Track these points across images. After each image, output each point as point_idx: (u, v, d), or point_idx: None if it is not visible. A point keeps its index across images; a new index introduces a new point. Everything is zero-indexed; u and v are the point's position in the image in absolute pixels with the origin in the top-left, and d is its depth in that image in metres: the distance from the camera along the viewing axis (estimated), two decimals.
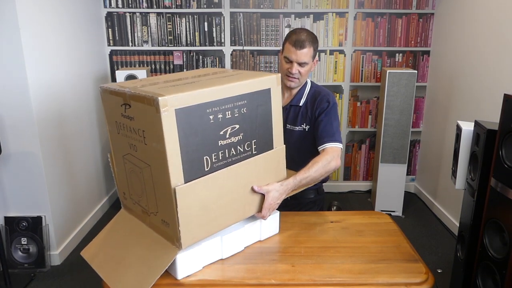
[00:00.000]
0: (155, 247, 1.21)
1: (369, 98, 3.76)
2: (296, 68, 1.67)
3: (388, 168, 3.38)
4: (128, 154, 1.23)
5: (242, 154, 1.26)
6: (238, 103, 1.21)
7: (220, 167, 1.20)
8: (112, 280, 1.22)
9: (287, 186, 1.40)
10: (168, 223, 1.16)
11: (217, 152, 1.19)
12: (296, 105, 1.76)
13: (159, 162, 1.10)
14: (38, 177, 2.54)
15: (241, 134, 1.24)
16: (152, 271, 1.15)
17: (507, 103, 1.61)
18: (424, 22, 3.58)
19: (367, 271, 1.24)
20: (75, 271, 2.64)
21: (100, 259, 1.32)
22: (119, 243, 1.33)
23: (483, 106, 2.74)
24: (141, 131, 1.13)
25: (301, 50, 1.65)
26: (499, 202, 1.63)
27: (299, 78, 1.71)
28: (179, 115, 1.06)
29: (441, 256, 2.80)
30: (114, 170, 1.38)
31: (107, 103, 1.26)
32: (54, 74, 2.70)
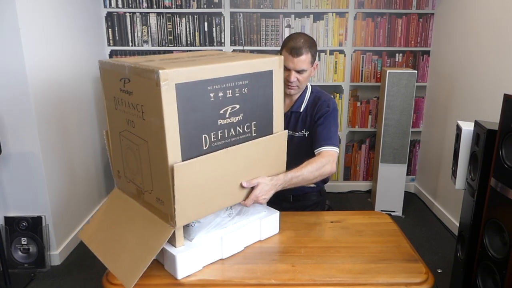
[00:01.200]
0: (150, 226, 1.20)
1: (369, 98, 3.76)
2: (294, 76, 1.63)
3: (388, 168, 3.38)
4: (125, 130, 1.22)
5: (241, 136, 1.25)
6: (240, 82, 1.19)
7: (219, 147, 1.19)
8: (109, 262, 1.22)
9: (276, 182, 1.37)
10: (163, 201, 1.14)
11: (216, 131, 1.17)
12: (297, 111, 1.74)
13: (156, 138, 1.08)
14: (38, 177, 2.54)
15: (241, 114, 1.23)
16: (147, 251, 1.14)
17: (507, 103, 1.61)
18: (424, 22, 3.58)
19: (367, 271, 1.24)
20: (75, 271, 2.64)
21: (97, 241, 1.32)
22: (114, 223, 1.32)
23: (483, 106, 2.74)
24: (139, 106, 1.11)
25: (298, 58, 1.61)
26: (499, 202, 1.63)
27: (299, 86, 1.68)
28: (179, 90, 1.05)
29: (441, 256, 2.80)
30: (109, 147, 1.36)
31: (106, 78, 1.25)
32: (54, 74, 2.70)
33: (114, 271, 1.20)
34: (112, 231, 1.30)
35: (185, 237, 1.24)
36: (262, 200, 1.35)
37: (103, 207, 1.41)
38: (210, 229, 1.28)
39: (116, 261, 1.20)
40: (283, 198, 1.80)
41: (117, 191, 1.40)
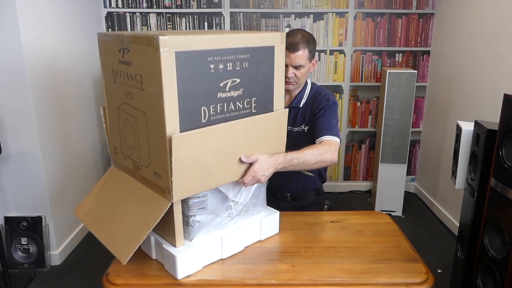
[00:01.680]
0: (146, 201, 1.19)
1: (369, 98, 3.76)
2: (291, 72, 1.64)
3: (388, 168, 3.38)
4: (123, 104, 1.21)
5: (241, 111, 1.23)
6: (240, 56, 1.18)
7: (218, 121, 1.17)
8: (103, 236, 1.21)
9: (276, 160, 1.33)
10: (160, 174, 1.13)
11: (216, 104, 1.16)
12: (296, 106, 1.74)
13: (155, 108, 1.07)
14: (38, 177, 2.54)
15: (241, 89, 1.21)
16: (143, 225, 1.13)
17: (507, 103, 1.60)
18: (424, 22, 3.58)
19: (367, 271, 1.24)
20: (75, 271, 2.64)
21: (92, 217, 1.31)
22: (110, 200, 1.32)
23: (483, 106, 2.74)
24: (138, 76, 1.10)
25: (295, 53, 1.61)
26: (499, 202, 1.63)
27: (297, 81, 1.68)
28: (179, 58, 1.03)
29: (441, 256, 2.80)
30: (106, 124, 1.35)
31: (105, 50, 1.24)
32: (55, 74, 2.70)
33: (109, 245, 1.19)
34: (107, 207, 1.29)
35: (185, 237, 1.24)
36: (261, 177, 1.30)
37: (98, 185, 1.39)
38: (210, 229, 1.28)
39: (110, 236, 1.19)
40: (281, 198, 1.80)
41: (113, 168, 1.38)
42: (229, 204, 1.31)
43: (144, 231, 1.12)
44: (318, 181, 1.85)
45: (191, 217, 1.22)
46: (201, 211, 1.23)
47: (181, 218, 1.20)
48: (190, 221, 1.22)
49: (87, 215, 1.33)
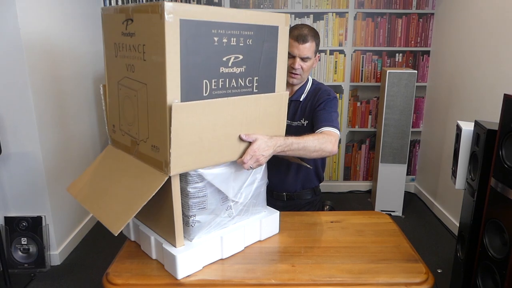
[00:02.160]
0: (142, 175, 1.18)
1: (369, 98, 3.76)
2: (299, 63, 1.65)
3: (388, 168, 3.38)
4: (124, 78, 1.21)
5: (242, 89, 1.23)
6: (245, 32, 1.18)
7: (219, 96, 1.17)
8: (96, 209, 1.20)
9: (276, 141, 1.31)
10: (158, 147, 1.12)
11: (218, 79, 1.15)
12: (297, 100, 1.74)
13: (157, 78, 1.06)
14: (38, 177, 2.54)
15: (244, 66, 1.21)
16: (138, 198, 1.12)
17: (507, 103, 1.61)
18: (424, 22, 3.58)
19: (367, 271, 1.24)
20: (75, 271, 2.64)
21: (86, 192, 1.30)
22: (105, 176, 1.31)
23: (483, 106, 2.74)
24: (141, 46, 1.10)
25: (304, 45, 1.63)
26: (499, 202, 1.63)
27: (301, 74, 1.69)
28: (183, 27, 1.03)
29: (441, 256, 2.80)
30: (105, 102, 1.35)
31: (108, 24, 1.24)
32: (55, 74, 2.70)
33: (101, 217, 1.17)
34: (101, 183, 1.29)
35: (185, 237, 1.24)
36: (260, 156, 1.27)
37: (94, 163, 1.38)
38: (210, 229, 1.28)
39: (103, 209, 1.18)
40: (277, 197, 1.80)
41: (110, 147, 1.38)
42: (229, 204, 1.31)
43: (139, 203, 1.10)
44: (315, 180, 1.84)
45: (191, 217, 1.22)
46: (201, 211, 1.23)
47: (181, 218, 1.20)
48: (190, 221, 1.22)
49: (80, 191, 1.32)
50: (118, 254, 1.35)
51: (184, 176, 1.18)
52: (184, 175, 1.18)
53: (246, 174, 1.33)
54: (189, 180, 1.18)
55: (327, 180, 3.96)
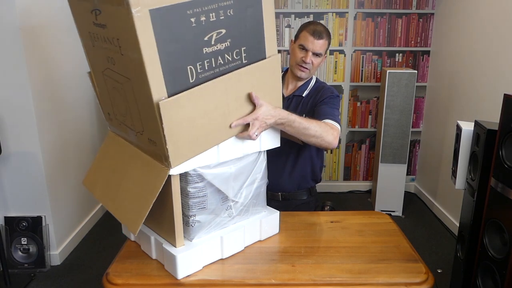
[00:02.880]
0: (146, 170, 1.16)
1: (369, 98, 3.76)
2: (310, 58, 1.67)
3: (388, 168, 3.38)
4: (107, 69, 1.13)
5: (230, 64, 1.15)
6: (223, 3, 1.07)
7: (207, 78, 1.09)
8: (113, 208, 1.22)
9: (279, 113, 1.29)
10: (155, 142, 1.08)
11: (202, 61, 1.06)
12: (299, 95, 1.75)
13: (138, 74, 0.99)
14: (38, 177, 2.54)
15: (229, 40, 1.11)
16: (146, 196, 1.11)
17: (507, 103, 1.60)
18: (424, 22, 3.58)
19: (367, 271, 1.24)
20: (75, 271, 2.64)
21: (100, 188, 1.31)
22: (112, 169, 1.31)
23: (483, 106, 2.74)
24: (115, 40, 1.01)
25: (319, 40, 1.65)
26: (499, 202, 1.63)
27: (310, 70, 1.70)
28: (154, 17, 0.94)
29: (441, 256, 2.80)
30: (95, 89, 1.30)
31: (77, 12, 1.14)
32: (55, 74, 2.70)
33: (119, 218, 1.20)
34: (111, 177, 1.28)
35: (185, 237, 1.24)
36: (263, 123, 1.25)
37: (100, 153, 1.38)
38: (210, 229, 1.28)
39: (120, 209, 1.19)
40: (272, 197, 1.79)
41: (111, 134, 1.35)
42: (229, 204, 1.31)
43: (148, 202, 1.09)
44: (311, 181, 1.84)
45: (191, 217, 1.22)
46: (201, 211, 1.23)
47: (181, 218, 1.20)
48: (190, 221, 1.22)
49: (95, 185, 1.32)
50: (118, 254, 1.35)
51: (184, 176, 1.18)
52: (184, 175, 1.18)
53: (246, 174, 1.33)
54: (189, 180, 1.18)
55: (327, 180, 3.96)
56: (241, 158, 1.30)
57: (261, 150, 1.36)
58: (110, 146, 1.36)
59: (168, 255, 1.21)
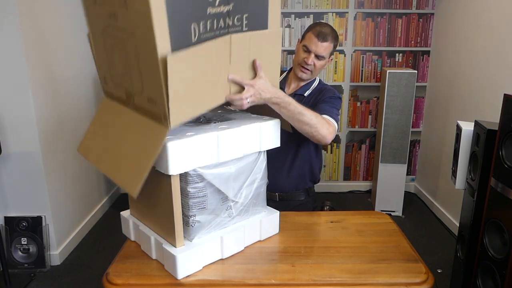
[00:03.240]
0: (144, 131, 1.14)
1: (369, 98, 3.76)
2: (312, 60, 1.65)
3: (388, 168, 3.38)
4: (108, 26, 1.11)
5: (231, 28, 1.14)
6: None
7: (207, 39, 1.08)
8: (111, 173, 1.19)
9: (277, 91, 1.30)
10: (155, 100, 1.06)
11: (205, 21, 1.05)
12: (301, 94, 1.74)
13: (143, 28, 0.97)
14: (38, 177, 2.54)
15: (232, 4, 1.11)
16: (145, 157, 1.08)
17: (507, 103, 1.60)
18: (424, 22, 3.58)
19: (367, 271, 1.24)
20: (75, 271, 2.64)
21: (95, 153, 1.28)
22: (108, 134, 1.28)
23: (483, 106, 2.74)
24: None
25: (323, 43, 1.63)
26: (499, 202, 1.63)
27: (312, 71, 1.69)
28: None
29: (441, 256, 2.80)
30: (93, 51, 1.27)
31: None
32: (55, 74, 2.70)
33: (118, 181, 1.17)
34: (107, 141, 1.26)
35: (185, 237, 1.24)
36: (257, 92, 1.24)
37: (95, 119, 1.35)
38: (210, 229, 1.28)
39: (117, 171, 1.17)
40: (269, 197, 1.77)
41: (106, 100, 1.33)
42: (229, 204, 1.31)
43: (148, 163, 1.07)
44: (309, 181, 1.83)
45: (191, 217, 1.22)
46: (201, 211, 1.23)
47: (181, 218, 1.20)
48: (190, 221, 1.22)
49: (90, 151, 1.30)
50: (118, 254, 1.35)
51: (184, 176, 1.18)
52: (184, 175, 1.18)
53: (246, 174, 1.33)
54: (189, 180, 1.18)
55: (327, 180, 3.96)
56: (241, 158, 1.30)
57: (261, 150, 1.36)
58: (105, 112, 1.33)
59: (168, 255, 1.21)
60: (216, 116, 1.43)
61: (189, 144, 1.14)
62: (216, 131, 1.21)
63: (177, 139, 1.12)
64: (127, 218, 1.42)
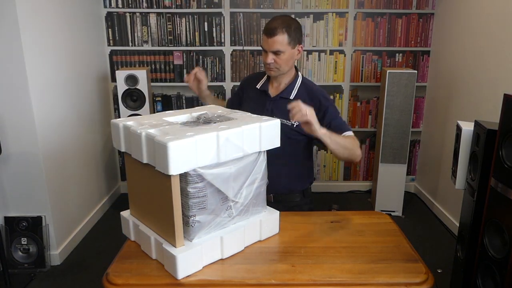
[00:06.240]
0: None
1: (369, 98, 3.76)
2: (271, 58, 1.59)
3: (388, 168, 3.38)
4: None
5: None
6: None
7: None
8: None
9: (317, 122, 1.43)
10: None
11: None
12: (286, 97, 1.70)
13: None
14: (38, 177, 2.54)
15: None
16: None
17: (507, 103, 1.60)
18: (424, 22, 3.58)
19: (367, 271, 1.24)
20: (75, 271, 2.64)
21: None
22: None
23: (483, 106, 2.74)
24: None
25: (272, 38, 1.56)
26: (499, 202, 1.63)
27: (279, 68, 1.64)
28: None
29: (441, 256, 2.80)
30: None
31: None
32: (55, 73, 2.70)
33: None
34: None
35: (185, 237, 1.24)
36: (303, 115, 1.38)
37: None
38: (210, 229, 1.28)
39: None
40: None
41: None
42: (229, 204, 1.30)
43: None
44: (305, 182, 1.82)
45: (191, 217, 1.22)
46: (201, 211, 1.23)
47: (181, 218, 1.20)
48: (190, 221, 1.22)
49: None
50: (118, 254, 1.35)
51: (184, 176, 1.18)
52: (184, 175, 1.18)
53: (246, 174, 1.33)
54: (189, 180, 1.18)
55: (327, 180, 3.96)
56: (241, 158, 1.30)
57: (261, 150, 1.36)
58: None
59: (168, 255, 1.21)
60: (216, 116, 1.43)
61: (189, 144, 1.14)
62: (216, 131, 1.21)
63: (177, 139, 1.12)
64: (127, 218, 1.42)
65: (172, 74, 3.65)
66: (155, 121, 1.34)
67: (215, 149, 1.21)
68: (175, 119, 1.41)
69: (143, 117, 1.41)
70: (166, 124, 1.30)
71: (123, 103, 3.17)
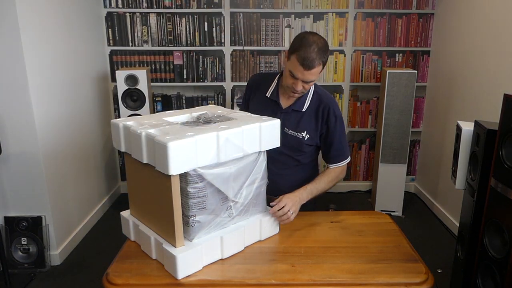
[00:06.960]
0: None
1: (369, 98, 3.76)
2: (301, 86, 1.54)
3: (388, 168, 3.38)
4: None
5: None
6: None
7: None
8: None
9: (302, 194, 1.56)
10: None
11: None
12: (298, 110, 1.66)
13: None
14: (38, 177, 2.54)
15: None
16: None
17: (507, 103, 1.60)
18: (424, 22, 3.58)
19: (367, 271, 1.24)
20: (75, 271, 2.64)
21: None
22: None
23: (483, 106, 2.74)
24: None
25: (310, 71, 1.48)
26: (499, 202, 1.63)
27: (303, 92, 1.61)
28: None
29: (441, 256, 2.80)
30: None
31: None
32: (54, 73, 2.70)
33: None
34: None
35: (185, 237, 1.24)
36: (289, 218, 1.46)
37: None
38: (210, 229, 1.28)
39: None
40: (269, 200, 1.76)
41: None
42: (229, 204, 1.31)
43: None
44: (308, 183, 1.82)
45: (191, 217, 1.22)
46: (201, 211, 1.23)
47: (181, 218, 1.20)
48: (190, 221, 1.22)
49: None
50: (118, 254, 1.35)
51: (184, 176, 1.18)
52: (184, 175, 1.18)
53: (246, 174, 1.33)
54: (189, 180, 1.18)
55: None
56: (241, 158, 1.30)
57: (261, 150, 1.36)
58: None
59: (168, 255, 1.21)
60: (216, 116, 1.43)
61: (189, 144, 1.14)
62: (216, 131, 1.21)
63: (177, 139, 1.12)
64: (127, 218, 1.42)
65: (172, 74, 3.65)
66: (155, 121, 1.34)
67: (215, 149, 1.21)
68: (175, 119, 1.41)
69: (143, 117, 1.41)
70: (166, 124, 1.30)
71: (123, 103, 3.17)
